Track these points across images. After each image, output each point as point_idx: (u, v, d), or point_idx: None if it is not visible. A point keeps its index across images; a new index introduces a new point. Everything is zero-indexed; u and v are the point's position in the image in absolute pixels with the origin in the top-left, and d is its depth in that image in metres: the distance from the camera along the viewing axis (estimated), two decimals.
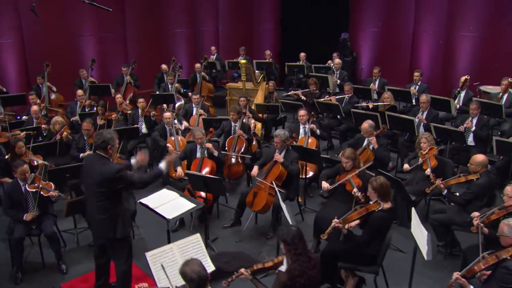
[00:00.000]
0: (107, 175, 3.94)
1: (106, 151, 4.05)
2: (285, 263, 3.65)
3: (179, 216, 4.42)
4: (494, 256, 3.72)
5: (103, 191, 4.00)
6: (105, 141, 4.03)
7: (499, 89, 8.85)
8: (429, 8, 11.81)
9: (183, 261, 3.65)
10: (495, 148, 6.34)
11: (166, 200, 4.63)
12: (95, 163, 4.06)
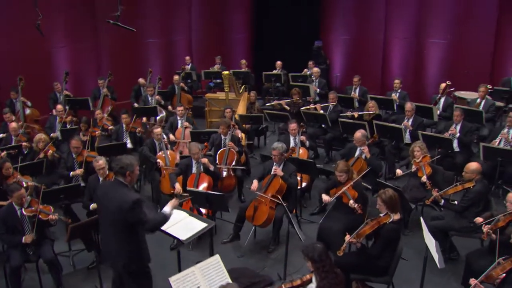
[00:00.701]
0: (124, 204, 3.75)
1: (125, 177, 3.90)
2: (314, 281, 3.69)
3: (193, 237, 4.37)
4: (510, 261, 3.90)
5: (120, 219, 3.81)
6: (123, 167, 3.87)
7: (473, 94, 9.29)
8: (399, 16, 12.20)
9: (205, 283, 3.66)
10: (481, 154, 6.62)
11: (175, 220, 4.57)
12: (112, 189, 3.91)
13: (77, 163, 6.48)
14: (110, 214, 3.88)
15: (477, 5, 10.93)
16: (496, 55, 10.94)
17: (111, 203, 3.86)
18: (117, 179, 3.94)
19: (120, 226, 3.87)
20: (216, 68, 11.86)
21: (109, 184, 4.11)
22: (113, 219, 3.87)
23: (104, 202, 3.95)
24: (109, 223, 3.93)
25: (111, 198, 3.86)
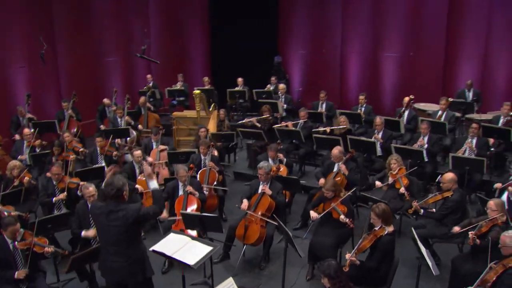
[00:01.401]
0: (130, 218, 4.00)
1: (122, 198, 4.06)
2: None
3: (202, 261, 4.47)
4: (501, 265, 4.28)
5: (129, 234, 4.05)
6: (119, 189, 4.04)
7: (431, 106, 9.96)
8: (354, 31, 12.86)
9: None
10: (450, 163, 7.14)
11: (179, 245, 4.64)
12: (115, 211, 4.04)
13: (58, 190, 6.36)
14: (117, 233, 4.04)
15: (427, 20, 11.74)
16: (447, 68, 11.77)
17: (117, 222, 4.02)
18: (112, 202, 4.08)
19: (135, 237, 4.12)
20: (179, 85, 11.93)
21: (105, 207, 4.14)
22: (120, 238, 4.06)
23: (112, 222, 4.05)
24: (116, 241, 4.08)
25: (116, 218, 4.02)
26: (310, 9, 13.14)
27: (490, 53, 11.12)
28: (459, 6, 11.32)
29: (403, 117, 8.97)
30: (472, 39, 11.28)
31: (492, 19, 10.97)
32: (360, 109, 9.52)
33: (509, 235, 4.32)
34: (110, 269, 4.23)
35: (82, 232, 5.43)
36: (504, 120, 8.28)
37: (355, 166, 7.18)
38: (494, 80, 11.09)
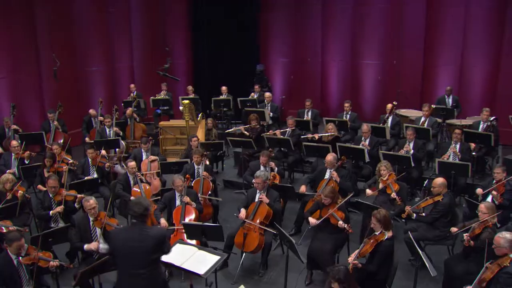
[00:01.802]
0: (161, 237, 4.11)
1: (147, 217, 4.12)
2: None
3: (212, 270, 4.60)
4: (496, 265, 4.55)
5: (156, 257, 4.10)
6: (147, 208, 4.12)
7: (412, 112, 10.34)
8: (334, 39, 13.16)
9: None
10: (437, 168, 7.46)
11: (187, 255, 4.77)
12: (138, 232, 4.09)
13: (55, 203, 6.36)
14: (143, 255, 4.05)
15: (405, 28, 12.13)
16: (425, 75, 12.20)
17: (145, 243, 4.04)
18: (136, 223, 4.16)
19: (151, 263, 4.11)
20: (163, 94, 11.99)
21: (130, 231, 4.25)
22: (148, 259, 4.07)
23: (132, 246, 4.06)
24: (141, 265, 4.05)
25: (143, 240, 4.04)
26: (290, 18, 13.35)
27: (465, 61, 11.57)
28: (436, 15, 11.74)
29: (387, 123, 9.28)
30: (449, 46, 11.70)
31: (467, 28, 11.43)
32: (346, 116, 9.80)
33: (503, 237, 4.60)
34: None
35: (85, 246, 5.46)
36: (484, 126, 8.66)
37: (347, 173, 7.42)
38: (470, 86, 11.54)
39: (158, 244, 4.09)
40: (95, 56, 12.07)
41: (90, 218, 5.58)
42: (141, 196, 4.40)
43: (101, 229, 5.51)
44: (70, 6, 11.45)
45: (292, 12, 13.31)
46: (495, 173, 6.58)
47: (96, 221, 5.52)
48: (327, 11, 13.02)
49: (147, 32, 13.12)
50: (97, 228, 5.54)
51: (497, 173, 6.55)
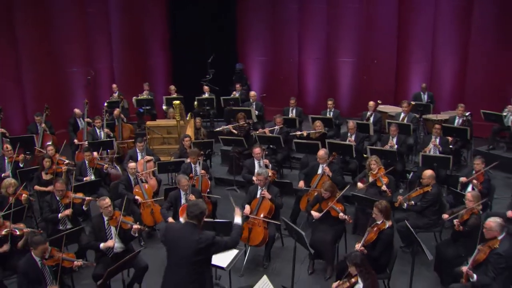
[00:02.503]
0: (207, 241, 4.22)
1: (201, 220, 4.33)
2: (360, 281, 4.57)
3: (233, 263, 4.98)
4: (487, 247, 5.12)
5: (201, 258, 4.24)
6: (203, 212, 4.30)
7: (390, 108, 10.97)
8: (311, 38, 13.70)
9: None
10: (420, 161, 8.07)
11: None
12: (186, 232, 4.28)
13: (63, 206, 6.55)
14: (183, 256, 4.24)
15: (379, 27, 12.79)
16: (399, 72, 12.90)
17: (187, 246, 4.23)
18: (189, 222, 4.33)
19: (203, 262, 4.31)
20: (145, 94, 12.18)
21: (182, 228, 4.48)
22: (193, 260, 4.23)
23: (179, 246, 4.29)
24: (184, 264, 4.25)
25: (188, 243, 4.23)
26: (267, 18, 13.81)
27: (436, 58, 12.34)
28: (407, 14, 12.46)
29: (370, 119, 9.86)
30: (420, 45, 12.45)
31: (436, 27, 12.18)
32: (329, 113, 10.32)
33: (494, 221, 5.17)
34: (167, 283, 4.41)
35: (101, 245, 5.71)
36: (460, 121, 9.36)
37: (338, 167, 7.92)
38: (441, 82, 12.31)
39: (203, 248, 4.22)
40: (75, 57, 12.13)
41: (104, 218, 5.84)
42: (200, 200, 4.59)
43: (117, 228, 5.77)
44: (49, 7, 11.47)
45: (269, 13, 13.77)
46: (475, 164, 7.20)
47: (111, 220, 5.79)
48: (303, 11, 13.53)
49: (127, 32, 13.25)
50: (112, 227, 5.80)
51: (477, 164, 7.18)
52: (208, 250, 4.28)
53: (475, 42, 11.65)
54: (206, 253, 4.29)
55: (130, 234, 5.84)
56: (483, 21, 11.45)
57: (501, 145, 9.97)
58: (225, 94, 12.23)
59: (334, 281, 5.52)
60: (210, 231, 4.61)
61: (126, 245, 5.94)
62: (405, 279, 5.92)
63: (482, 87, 11.55)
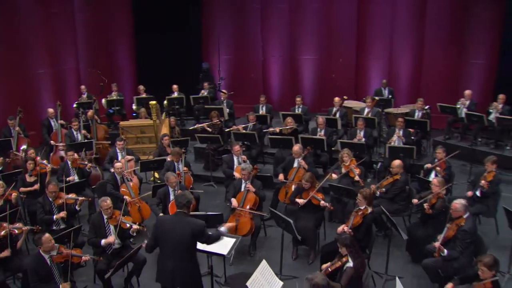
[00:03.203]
0: (199, 227, 4.80)
1: (189, 208, 4.87)
2: (350, 261, 5.19)
3: (232, 250, 5.49)
4: (455, 225, 5.88)
5: (194, 242, 4.82)
6: (189, 200, 4.85)
7: (353, 103, 11.74)
8: (274, 36, 14.30)
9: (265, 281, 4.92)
10: (387, 153, 8.83)
11: None
12: (180, 221, 4.80)
13: (56, 207, 6.81)
14: (180, 241, 4.78)
15: (339, 25, 13.56)
16: (358, 68, 13.72)
17: (183, 232, 4.77)
18: (180, 212, 4.88)
19: (189, 249, 4.85)
20: (114, 95, 12.40)
21: (174, 218, 4.96)
22: (184, 244, 4.79)
23: (174, 233, 4.79)
24: (178, 250, 4.80)
25: (183, 228, 4.77)
26: (232, 18, 14.32)
27: (394, 55, 13.24)
28: (366, 13, 13.27)
29: (337, 114, 10.58)
30: (378, 42, 13.31)
31: (393, 24, 13.07)
32: (298, 110, 10.96)
33: (459, 202, 5.92)
34: (164, 272, 4.94)
35: (102, 241, 6.07)
36: (420, 114, 10.24)
37: (312, 160, 8.57)
38: (398, 78, 13.23)
39: (196, 234, 4.80)
40: (41, 59, 12.16)
41: (104, 216, 6.19)
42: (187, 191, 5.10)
43: (116, 227, 6.15)
44: (13, 9, 11.45)
45: (233, 13, 14.26)
46: (437, 153, 8.02)
47: (111, 219, 6.16)
48: (266, 11, 14.11)
49: (92, 33, 13.33)
50: (111, 225, 6.17)
51: (439, 153, 8.00)
52: (202, 234, 4.86)
53: (429, 40, 12.62)
54: (199, 237, 4.86)
55: (129, 233, 6.23)
56: (436, 21, 12.43)
57: (456, 135, 10.94)
58: (191, 93, 12.64)
59: (317, 265, 6.16)
60: None
61: (124, 242, 6.32)
62: (381, 259, 6.61)
63: (436, 82, 12.55)
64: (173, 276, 4.90)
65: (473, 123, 10.25)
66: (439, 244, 5.82)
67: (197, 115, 12.49)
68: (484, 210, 7.44)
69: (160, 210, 7.11)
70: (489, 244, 6.80)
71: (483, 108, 10.59)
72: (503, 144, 10.23)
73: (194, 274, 4.99)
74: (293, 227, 6.13)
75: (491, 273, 4.76)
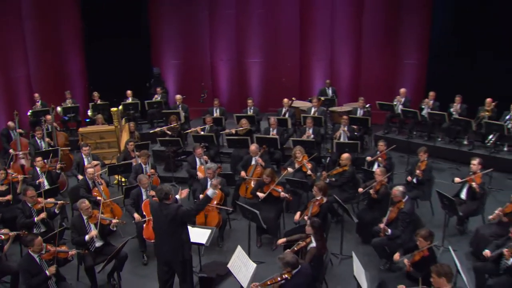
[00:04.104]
0: (170, 215, 5.65)
1: (169, 199, 5.68)
2: (314, 241, 6.15)
3: (209, 239, 6.32)
4: (396, 208, 6.99)
5: (171, 226, 5.68)
6: (167, 193, 5.66)
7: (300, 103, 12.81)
8: (221, 40, 15.19)
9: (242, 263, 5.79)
10: (335, 148, 9.93)
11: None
12: (164, 208, 5.67)
13: (35, 211, 7.32)
14: (167, 223, 5.66)
15: (283, 30, 14.66)
16: (302, 70, 14.85)
17: (168, 215, 5.64)
18: (162, 203, 5.70)
19: (176, 228, 5.72)
20: (69, 103, 12.80)
21: (159, 206, 5.77)
22: (171, 225, 5.66)
23: (161, 217, 5.70)
24: (168, 230, 5.70)
25: (167, 212, 5.64)
26: (180, 24, 15.09)
27: (335, 57, 14.51)
28: (307, 18, 14.46)
29: (286, 114, 11.60)
30: (320, 44, 14.52)
31: (334, 29, 14.33)
32: (250, 111, 11.88)
33: (397, 189, 7.03)
34: (160, 250, 5.87)
35: (86, 237, 6.66)
36: (361, 112, 11.46)
37: (267, 158, 9.50)
38: (339, 78, 14.50)
39: (174, 217, 5.65)
40: None
41: (84, 217, 6.81)
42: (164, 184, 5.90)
43: (97, 225, 6.78)
44: None
45: (181, 18, 14.99)
46: (379, 146, 9.20)
47: (90, 218, 6.79)
48: (213, 16, 14.98)
49: (41, 41, 13.59)
50: (91, 224, 6.80)
51: (381, 146, 9.18)
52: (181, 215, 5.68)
53: (366, 43, 14.00)
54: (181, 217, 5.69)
55: (109, 228, 6.89)
56: (372, 25, 13.83)
57: (394, 130, 12.29)
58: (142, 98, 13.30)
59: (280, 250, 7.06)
60: None
61: (105, 240, 6.96)
62: (336, 242, 7.63)
63: (374, 81, 13.95)
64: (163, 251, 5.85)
65: (408, 118, 11.65)
66: (383, 225, 6.91)
67: (151, 119, 13.15)
68: (421, 195, 8.68)
69: (134, 210, 7.77)
70: (426, 223, 7.99)
71: (417, 105, 11.99)
72: (435, 136, 11.62)
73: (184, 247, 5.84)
74: (259, 217, 7.03)
75: (427, 242, 5.86)
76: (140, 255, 7.61)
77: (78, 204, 6.81)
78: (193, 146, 9.62)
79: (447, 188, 8.35)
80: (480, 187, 7.80)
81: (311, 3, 14.43)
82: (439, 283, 4.89)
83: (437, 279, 4.90)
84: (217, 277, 6.91)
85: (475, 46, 12.13)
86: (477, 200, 7.92)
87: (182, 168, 10.73)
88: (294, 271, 5.25)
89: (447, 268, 4.91)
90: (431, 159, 10.19)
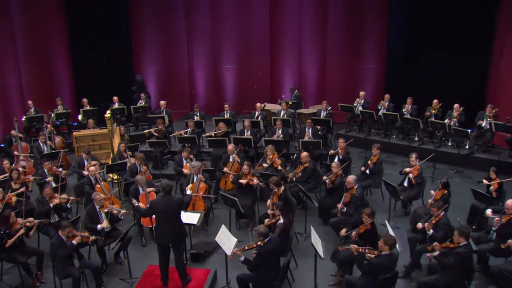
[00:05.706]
0: (180, 201, 7.50)
1: (170, 192, 7.48)
2: (282, 219, 8.16)
3: (200, 221, 8.29)
4: (349, 193, 9.03)
5: (179, 212, 7.50)
6: (169, 185, 7.47)
7: (270, 106, 14.84)
8: (198, 48, 17.10)
9: (226, 237, 7.77)
10: (300, 145, 11.97)
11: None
12: (169, 200, 7.37)
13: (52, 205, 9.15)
14: (172, 212, 7.36)
15: (254, 39, 16.67)
16: (273, 75, 16.90)
17: (173, 205, 7.36)
18: (166, 195, 7.50)
19: (177, 216, 7.48)
20: (60, 109, 14.54)
21: (164, 199, 7.45)
22: (175, 214, 7.40)
23: (167, 208, 7.36)
24: (172, 218, 7.37)
25: (172, 203, 7.38)
26: (159, 32, 16.99)
27: (302, 63, 16.63)
28: (277, 28, 16.56)
29: (260, 117, 13.62)
30: (288, 52, 16.60)
31: (301, 36, 16.43)
32: (227, 115, 13.85)
33: (350, 177, 9.09)
34: (163, 234, 7.48)
35: (98, 226, 8.51)
36: (324, 113, 13.58)
37: (243, 155, 11.51)
38: (307, 82, 16.63)
39: (179, 206, 7.45)
40: None
41: (96, 207, 8.67)
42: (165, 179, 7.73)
43: (107, 214, 8.62)
44: None
45: (160, 28, 16.85)
46: (339, 142, 11.27)
47: (102, 208, 8.67)
48: (191, 26, 16.90)
49: (32, 51, 15.25)
50: (102, 213, 8.66)
51: (340, 142, 11.24)
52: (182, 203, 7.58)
53: (330, 50, 16.17)
54: (181, 205, 7.55)
55: (117, 217, 8.76)
56: (335, 34, 16.00)
57: (355, 128, 14.48)
58: (125, 103, 15.09)
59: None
60: None
61: (113, 226, 8.83)
62: (301, 224, 9.68)
63: (337, 85, 16.15)
64: (168, 235, 7.47)
65: (367, 118, 13.82)
66: (340, 205, 8.98)
67: (135, 122, 15.02)
68: (373, 184, 10.80)
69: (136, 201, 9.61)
70: (376, 207, 10.03)
71: (376, 106, 14.18)
72: (390, 133, 13.81)
73: (181, 232, 7.58)
74: (238, 203, 9.01)
75: (370, 219, 7.91)
76: (139, 238, 9.49)
77: (93, 196, 8.63)
78: (180, 150, 11.52)
79: (396, 178, 10.50)
80: (418, 176, 9.93)
81: (280, 14, 16.48)
82: (384, 248, 6.86)
83: (383, 245, 6.86)
84: (205, 253, 8.88)
85: (426, 52, 14.39)
86: (416, 187, 10.06)
87: (168, 166, 12.63)
88: (265, 240, 7.20)
89: (392, 240, 6.85)
90: (386, 154, 12.40)
